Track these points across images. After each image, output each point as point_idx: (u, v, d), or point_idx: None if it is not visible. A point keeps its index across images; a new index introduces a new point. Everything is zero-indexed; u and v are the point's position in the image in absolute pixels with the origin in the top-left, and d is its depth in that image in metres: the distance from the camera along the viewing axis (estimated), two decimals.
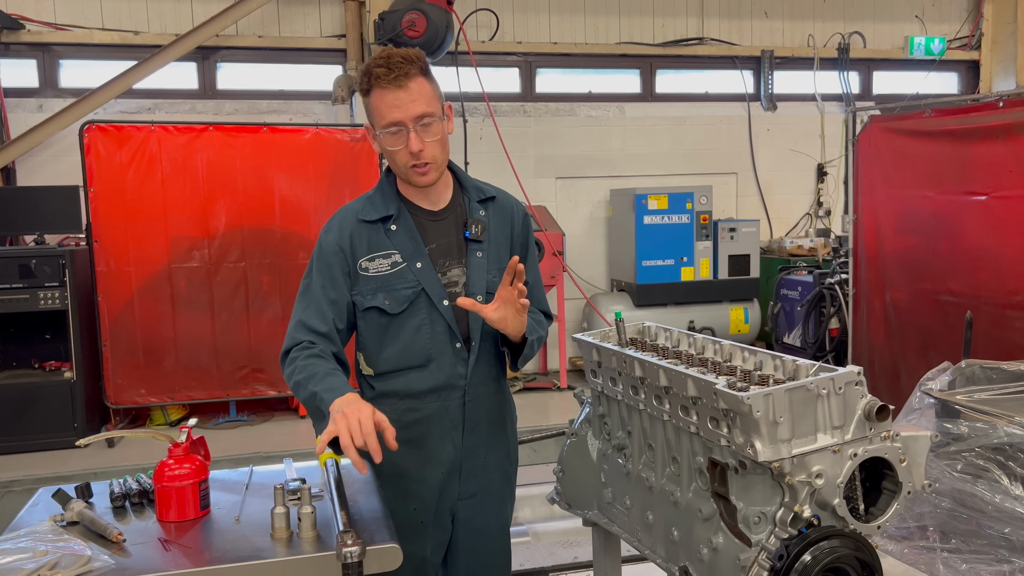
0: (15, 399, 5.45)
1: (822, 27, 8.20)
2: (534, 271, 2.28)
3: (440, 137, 2.04)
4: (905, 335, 5.44)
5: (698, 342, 1.93)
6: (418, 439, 2.11)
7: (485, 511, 2.20)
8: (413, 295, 2.07)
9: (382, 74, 1.96)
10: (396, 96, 1.97)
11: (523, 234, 2.26)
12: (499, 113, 7.15)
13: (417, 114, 1.98)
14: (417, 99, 1.98)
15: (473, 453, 2.16)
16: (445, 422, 2.12)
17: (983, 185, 4.83)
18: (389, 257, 2.08)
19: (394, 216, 2.10)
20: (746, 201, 8.13)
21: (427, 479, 2.11)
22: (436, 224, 2.14)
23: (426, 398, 2.11)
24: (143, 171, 5.63)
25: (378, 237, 2.09)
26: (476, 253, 2.14)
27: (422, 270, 2.07)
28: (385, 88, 1.97)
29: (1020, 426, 2.62)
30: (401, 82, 1.96)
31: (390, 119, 1.98)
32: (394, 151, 2.02)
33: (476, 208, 2.18)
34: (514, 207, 2.26)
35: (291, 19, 6.94)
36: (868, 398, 1.55)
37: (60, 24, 6.47)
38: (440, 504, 2.14)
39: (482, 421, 2.17)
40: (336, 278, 2.08)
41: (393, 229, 2.09)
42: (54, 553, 1.54)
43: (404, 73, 1.96)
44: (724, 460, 1.61)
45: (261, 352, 5.89)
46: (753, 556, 1.55)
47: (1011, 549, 2.52)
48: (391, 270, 2.07)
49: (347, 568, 1.47)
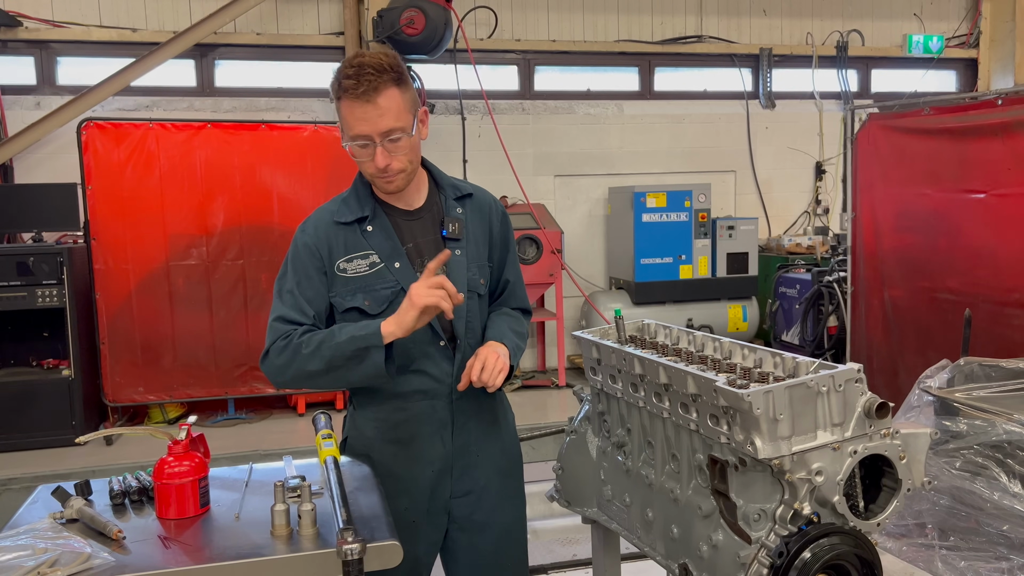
0: (13, 397, 5.45)
1: (821, 25, 8.20)
2: (514, 269, 2.29)
3: (410, 149, 2.02)
4: (904, 333, 5.44)
5: (698, 339, 1.93)
6: (407, 439, 2.11)
7: (482, 509, 2.18)
8: (392, 295, 2.05)
9: (350, 86, 1.91)
10: (364, 110, 1.93)
11: (502, 231, 2.25)
12: (497, 111, 7.15)
13: (384, 130, 1.95)
14: (385, 114, 1.93)
15: (464, 451, 2.15)
16: (434, 421, 2.11)
17: (981, 183, 4.83)
18: (367, 258, 2.07)
19: (369, 217, 2.10)
20: (744, 199, 8.13)
21: (417, 478, 2.11)
22: (412, 223, 2.14)
23: (412, 398, 2.10)
24: (141, 169, 5.62)
25: (354, 238, 2.08)
26: (455, 251, 2.12)
27: (400, 270, 2.07)
28: (353, 101, 1.93)
29: (1019, 423, 2.63)
30: (369, 96, 1.91)
31: (357, 131, 1.96)
32: (361, 161, 2.02)
33: (453, 206, 2.16)
34: (491, 204, 2.25)
35: (289, 16, 6.93)
36: (868, 395, 1.55)
37: (58, 21, 6.46)
38: (433, 503, 2.13)
39: (472, 419, 2.16)
40: (312, 277, 2.07)
41: (369, 230, 2.09)
42: (53, 550, 1.54)
43: (373, 88, 1.91)
44: (724, 457, 1.61)
45: (259, 350, 5.84)
46: (753, 553, 1.55)
47: (1010, 546, 2.53)
48: (369, 270, 2.07)
49: (347, 565, 1.46)
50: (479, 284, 2.16)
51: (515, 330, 2.19)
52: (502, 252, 2.25)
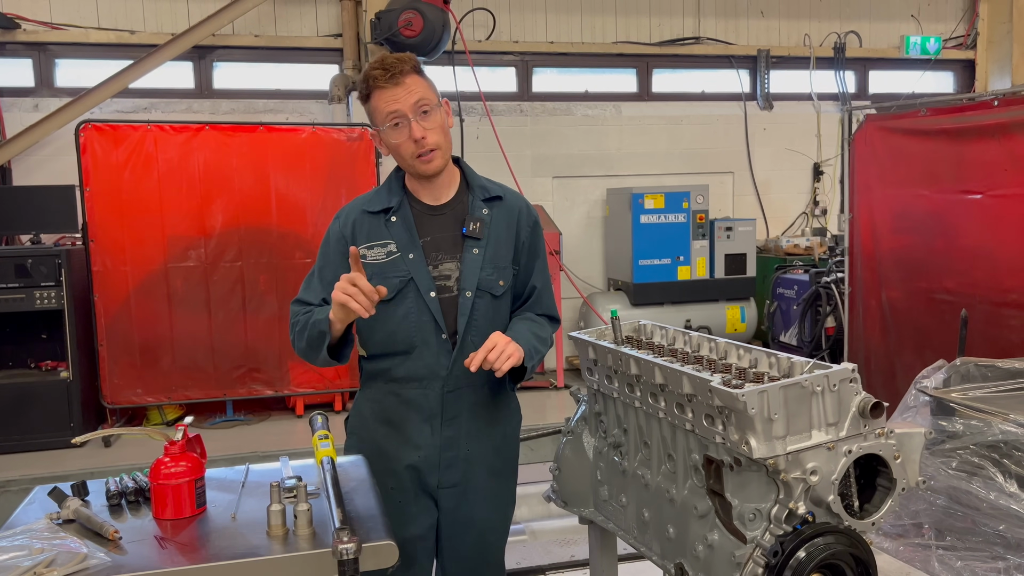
0: (11, 399, 5.44)
1: (818, 26, 8.22)
2: (543, 276, 2.33)
3: (440, 125, 2.14)
4: (901, 333, 5.45)
5: (694, 340, 1.93)
6: (398, 422, 2.21)
7: (469, 503, 2.23)
8: (402, 284, 2.15)
9: (379, 75, 2.09)
10: (393, 92, 2.09)
11: (531, 238, 2.29)
12: (496, 112, 7.15)
13: (414, 101, 2.09)
14: (413, 90, 2.10)
15: (453, 443, 2.20)
16: (424, 409, 2.19)
17: (979, 184, 4.84)
18: (386, 246, 2.18)
19: (394, 208, 2.20)
20: (742, 200, 8.14)
21: (402, 459, 2.19)
22: (434, 218, 2.22)
23: (407, 384, 2.19)
24: (139, 171, 5.62)
25: (378, 227, 2.20)
26: (472, 250, 2.19)
27: (414, 261, 2.16)
28: (383, 88, 2.09)
29: (1015, 423, 2.63)
30: (397, 79, 2.08)
31: (388, 110, 2.09)
32: (398, 143, 2.12)
33: (479, 206, 2.23)
34: (521, 210, 2.30)
35: (287, 18, 6.94)
36: (862, 395, 1.55)
37: (56, 23, 6.46)
38: (420, 488, 2.20)
39: (463, 413, 2.21)
40: (334, 262, 2.20)
41: (393, 220, 2.19)
42: (50, 551, 1.54)
43: (400, 71, 2.08)
44: (719, 457, 1.62)
45: (258, 352, 5.89)
46: (748, 553, 1.56)
47: (1006, 546, 2.53)
48: (386, 259, 2.17)
49: (343, 565, 1.47)
50: (496, 285, 2.20)
51: (536, 334, 2.22)
52: (530, 258, 2.30)
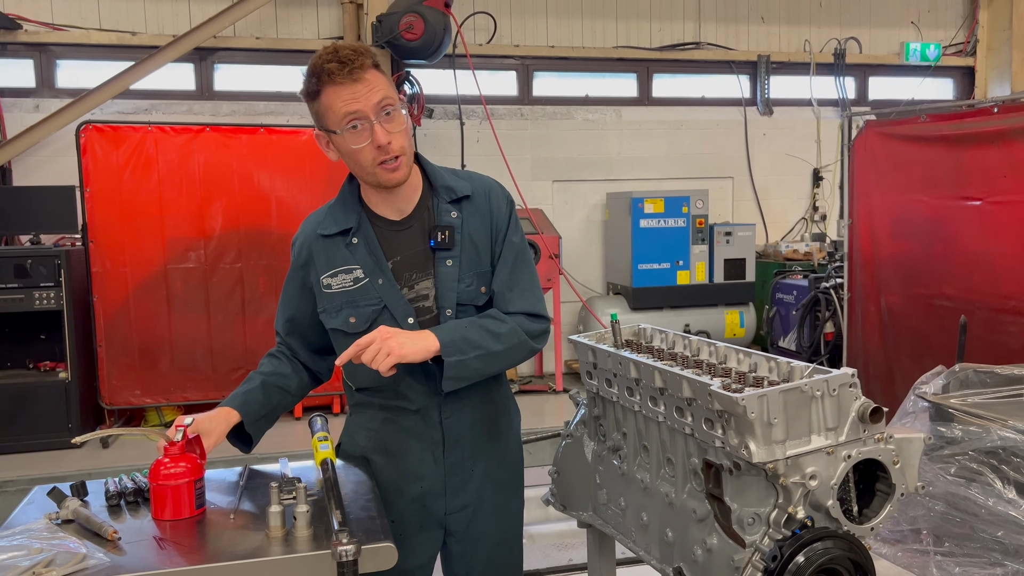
0: (10, 399, 5.44)
1: (818, 32, 8.23)
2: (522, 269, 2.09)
3: (404, 127, 1.93)
4: (900, 339, 5.45)
5: (693, 344, 1.93)
6: (397, 452, 2.05)
7: (479, 520, 2.11)
8: (375, 313, 1.97)
9: (335, 69, 1.84)
10: (353, 90, 1.85)
11: (507, 221, 2.07)
12: (496, 116, 7.16)
13: (376, 100, 1.86)
14: (374, 88, 1.87)
15: (458, 468, 2.07)
16: (425, 438, 2.04)
17: (978, 190, 4.85)
18: (351, 272, 1.99)
19: (354, 229, 2.00)
20: (742, 205, 8.15)
21: (404, 491, 2.05)
22: (399, 234, 2.02)
23: (403, 413, 2.04)
24: (140, 172, 5.62)
25: (338, 251, 2.00)
26: (445, 262, 1.99)
27: (384, 287, 1.97)
28: (340, 84, 1.85)
29: (1014, 430, 2.63)
30: (357, 75, 1.85)
31: (347, 111, 1.86)
32: (358, 149, 1.89)
33: (445, 211, 2.01)
34: (490, 196, 2.07)
35: (289, 21, 6.95)
36: (862, 400, 1.55)
37: (57, 24, 6.47)
38: (426, 519, 2.07)
39: (466, 435, 2.07)
40: (293, 296, 2.13)
41: (354, 242, 1.99)
42: (49, 551, 1.54)
43: (359, 65, 1.85)
44: (718, 461, 1.62)
45: (257, 353, 5.82)
46: (747, 557, 1.56)
47: (1004, 552, 2.53)
48: (354, 285, 1.99)
49: (342, 567, 1.46)
50: (478, 294, 2.02)
51: (483, 326, 1.96)
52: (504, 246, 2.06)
